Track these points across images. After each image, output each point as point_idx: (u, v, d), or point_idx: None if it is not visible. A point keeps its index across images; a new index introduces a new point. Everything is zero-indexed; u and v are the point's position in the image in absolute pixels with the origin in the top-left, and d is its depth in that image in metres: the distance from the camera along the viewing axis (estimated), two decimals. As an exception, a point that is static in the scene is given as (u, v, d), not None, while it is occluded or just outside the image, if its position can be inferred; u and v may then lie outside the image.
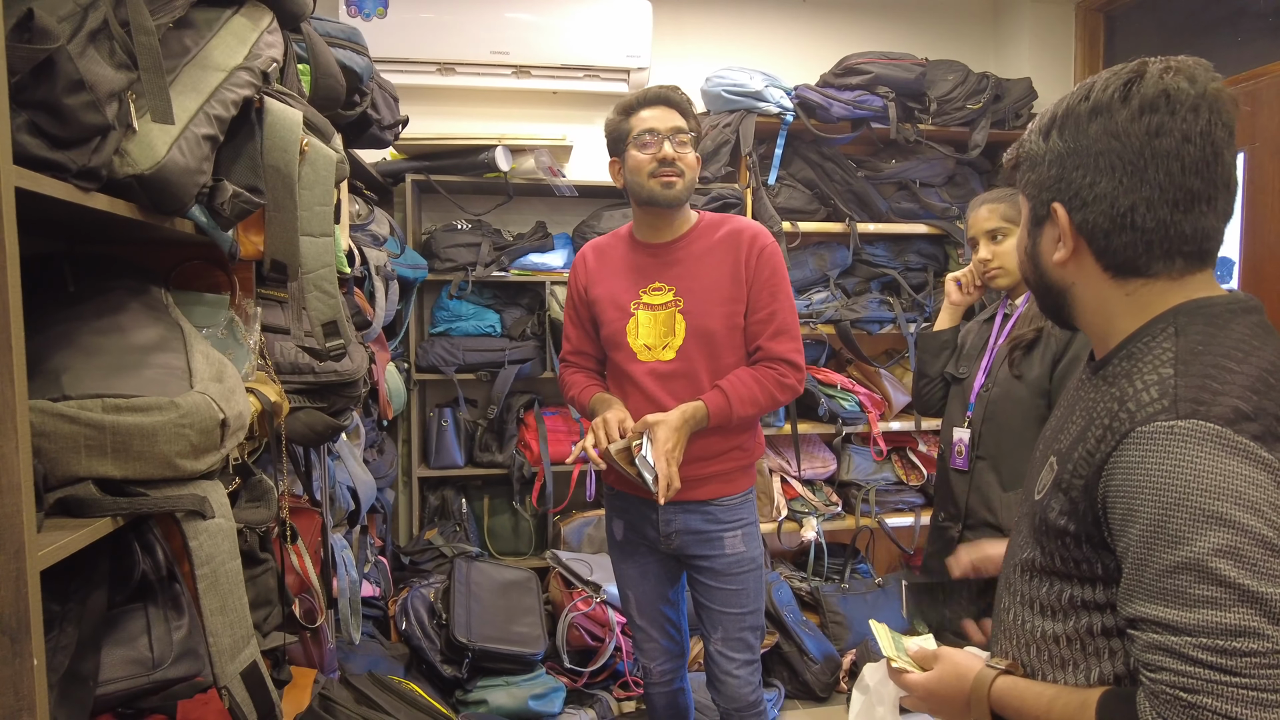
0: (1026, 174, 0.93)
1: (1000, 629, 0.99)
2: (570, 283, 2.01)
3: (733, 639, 1.90)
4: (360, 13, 2.98)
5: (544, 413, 3.17)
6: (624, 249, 1.93)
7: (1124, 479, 0.78)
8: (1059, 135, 0.88)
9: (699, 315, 1.81)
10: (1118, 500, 0.79)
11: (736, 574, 1.88)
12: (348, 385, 1.55)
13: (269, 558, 1.26)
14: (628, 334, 1.85)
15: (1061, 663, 0.88)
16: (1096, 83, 0.86)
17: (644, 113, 1.82)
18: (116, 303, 1.03)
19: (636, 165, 1.80)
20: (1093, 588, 0.85)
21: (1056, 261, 0.91)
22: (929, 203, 3.23)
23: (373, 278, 2.15)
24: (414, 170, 3.00)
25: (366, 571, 2.56)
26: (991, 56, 3.62)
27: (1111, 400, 0.84)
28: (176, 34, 0.99)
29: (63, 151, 0.77)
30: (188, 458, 0.90)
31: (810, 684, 2.85)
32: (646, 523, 1.90)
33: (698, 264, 1.84)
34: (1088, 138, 0.85)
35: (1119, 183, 0.84)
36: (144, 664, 0.93)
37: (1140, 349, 0.86)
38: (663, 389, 1.82)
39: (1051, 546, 0.88)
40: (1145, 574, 0.76)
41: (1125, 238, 0.85)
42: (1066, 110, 0.88)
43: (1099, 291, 0.90)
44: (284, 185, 1.11)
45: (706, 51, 3.41)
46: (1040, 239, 0.94)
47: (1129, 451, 0.78)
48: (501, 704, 2.51)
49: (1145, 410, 0.79)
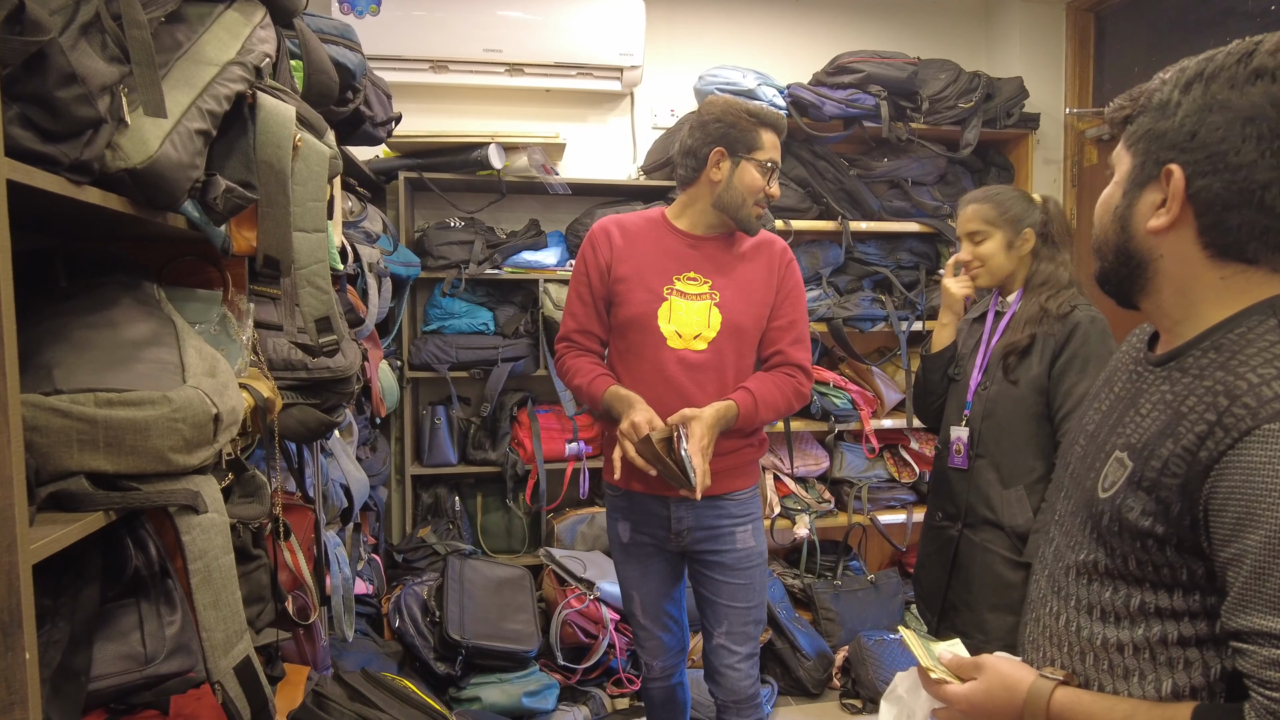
0: (1145, 124, 0.83)
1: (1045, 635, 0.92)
2: (585, 257, 1.90)
3: (737, 633, 1.91)
4: (353, 9, 2.97)
5: (537, 410, 3.17)
6: (657, 233, 1.88)
7: (1243, 479, 0.72)
8: (1204, 91, 0.79)
9: (734, 311, 1.82)
10: (1231, 502, 0.73)
11: (744, 568, 1.89)
12: (340, 382, 1.55)
13: (262, 554, 1.26)
14: (659, 318, 1.81)
15: (1125, 673, 0.82)
16: (1262, 45, 0.78)
17: (772, 135, 1.82)
18: (109, 298, 1.03)
19: (750, 185, 1.80)
20: (1171, 594, 0.79)
21: (1151, 229, 0.83)
22: (921, 201, 3.24)
23: (365, 275, 2.15)
24: (407, 167, 2.99)
25: (360, 569, 2.56)
26: (983, 56, 3.63)
27: (1210, 394, 0.77)
28: (169, 28, 0.99)
29: (54, 145, 0.77)
30: (181, 452, 0.90)
31: (803, 680, 2.86)
32: (655, 522, 1.88)
33: (738, 263, 1.86)
34: (1243, 100, 0.76)
35: (1262, 155, 0.76)
36: (136, 659, 0.93)
37: (1235, 340, 0.79)
38: (690, 378, 1.80)
39: (1125, 549, 0.82)
40: (1267, 584, 0.70)
41: (1245, 216, 0.78)
42: (1219, 67, 0.79)
43: (1191, 270, 0.82)
44: (277, 181, 1.11)
45: (699, 50, 3.41)
46: (1138, 200, 0.85)
47: (1252, 451, 0.72)
48: (495, 701, 2.51)
49: (1270, 406, 0.72)
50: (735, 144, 1.78)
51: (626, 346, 1.87)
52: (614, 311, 1.87)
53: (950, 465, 1.96)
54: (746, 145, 1.78)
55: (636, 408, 1.72)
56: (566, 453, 3.13)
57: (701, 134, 1.81)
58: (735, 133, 1.78)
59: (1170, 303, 0.85)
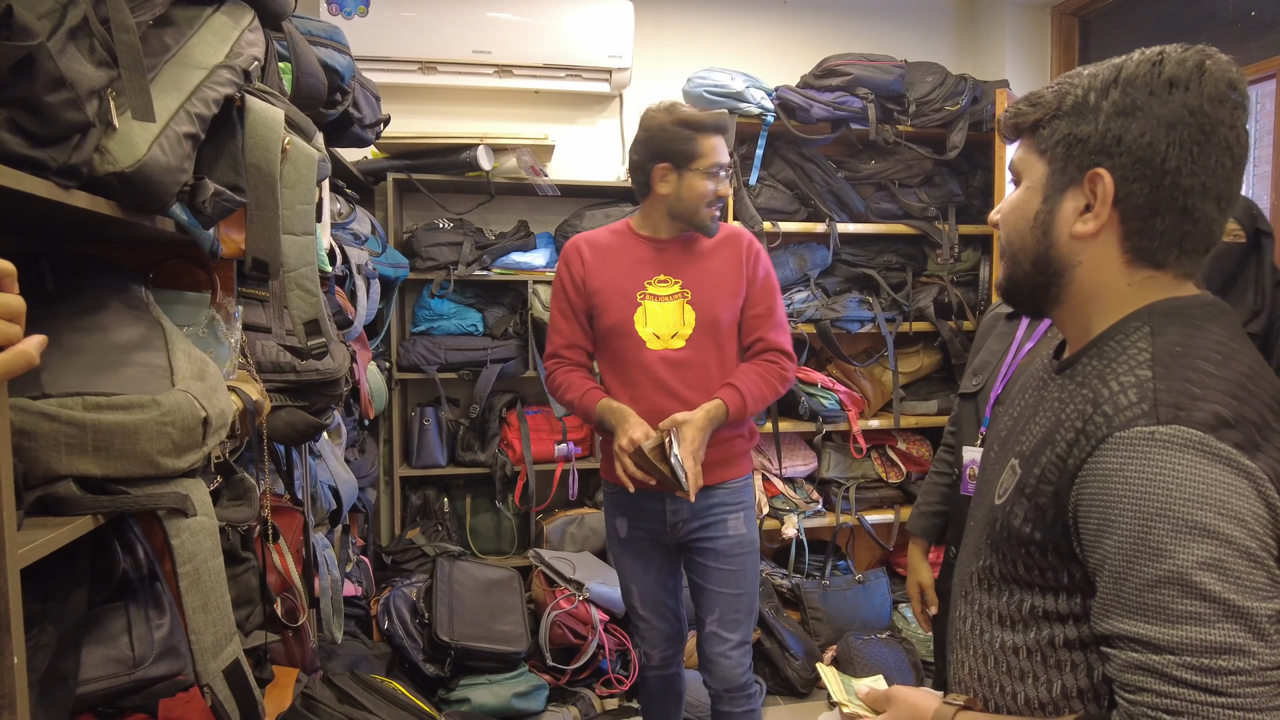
0: (1063, 128, 0.81)
1: (956, 639, 0.94)
2: (561, 276, 1.97)
3: (728, 619, 1.95)
4: (342, 10, 2.97)
5: (526, 411, 3.17)
6: (623, 243, 1.95)
7: (1100, 486, 0.73)
8: (1123, 95, 0.78)
9: (708, 306, 1.89)
10: (1092, 509, 0.74)
11: (736, 555, 1.94)
12: (329, 384, 1.55)
13: (251, 556, 1.26)
14: (635, 322, 1.88)
15: (1021, 674, 0.83)
16: (1167, 55, 0.77)
17: (712, 140, 1.84)
18: (97, 301, 1.03)
19: (698, 193, 1.84)
20: (1056, 598, 0.80)
21: (1076, 234, 0.82)
22: (907, 203, 3.26)
23: (354, 276, 2.15)
24: (396, 169, 2.98)
25: (348, 571, 2.55)
26: (969, 59, 3.65)
27: (1083, 402, 0.78)
28: (157, 32, 0.99)
29: (43, 149, 0.77)
30: (169, 456, 0.90)
31: (792, 680, 2.87)
32: (651, 515, 1.94)
33: (704, 259, 1.92)
34: (1165, 107, 0.76)
35: (1185, 161, 0.76)
36: (125, 663, 0.93)
37: (1113, 348, 0.80)
38: (675, 376, 1.87)
39: (1013, 555, 0.83)
40: (1124, 588, 0.71)
41: (1169, 222, 0.78)
42: (1133, 75, 0.78)
43: (1105, 277, 0.82)
44: (265, 184, 1.11)
45: (688, 52, 3.42)
46: (1060, 205, 0.83)
47: (1106, 458, 0.73)
48: (484, 702, 2.51)
49: (1124, 414, 0.73)
50: (677, 157, 1.82)
51: (611, 354, 1.94)
52: (595, 323, 1.95)
53: (964, 493, 1.75)
54: (687, 156, 1.82)
55: (630, 421, 1.78)
56: (556, 454, 3.13)
57: (644, 150, 1.86)
58: (676, 145, 1.82)
59: (1080, 310, 0.85)
